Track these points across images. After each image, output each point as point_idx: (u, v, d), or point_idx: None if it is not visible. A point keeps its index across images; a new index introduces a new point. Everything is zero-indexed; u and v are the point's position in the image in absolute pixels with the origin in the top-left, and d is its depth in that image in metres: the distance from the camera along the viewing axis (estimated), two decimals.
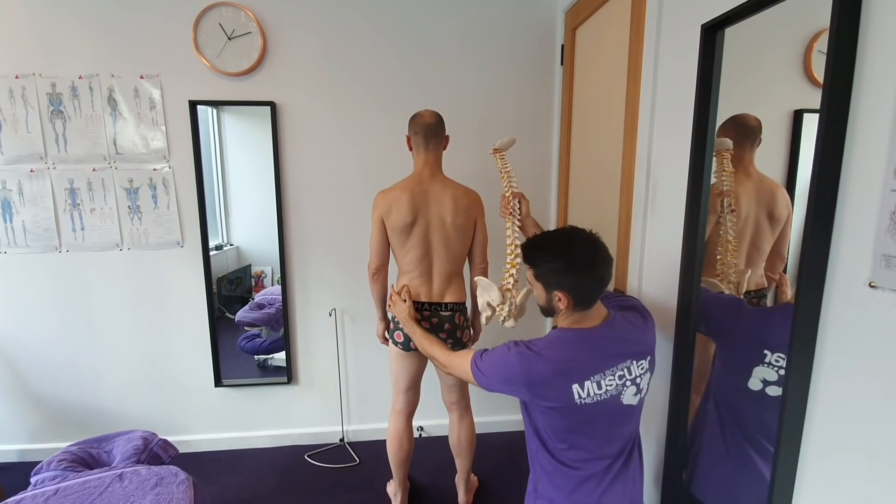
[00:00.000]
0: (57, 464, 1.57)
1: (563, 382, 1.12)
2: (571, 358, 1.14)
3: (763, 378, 1.16)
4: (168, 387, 2.50)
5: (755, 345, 1.16)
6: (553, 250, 1.16)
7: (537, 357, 1.14)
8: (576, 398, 1.13)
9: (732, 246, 1.24)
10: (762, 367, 1.16)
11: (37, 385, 2.43)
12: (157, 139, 2.25)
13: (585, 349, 1.15)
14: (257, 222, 2.66)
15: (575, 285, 1.13)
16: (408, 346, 1.92)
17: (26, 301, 2.34)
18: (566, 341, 1.16)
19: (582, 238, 1.16)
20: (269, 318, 2.63)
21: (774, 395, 1.13)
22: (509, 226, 1.56)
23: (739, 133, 1.20)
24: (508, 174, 1.59)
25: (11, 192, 2.23)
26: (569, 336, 1.17)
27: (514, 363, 1.15)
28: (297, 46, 2.25)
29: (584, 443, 1.20)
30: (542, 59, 2.39)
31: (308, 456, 2.50)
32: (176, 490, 1.35)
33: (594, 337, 1.17)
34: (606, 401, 1.15)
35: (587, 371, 1.13)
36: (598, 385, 1.14)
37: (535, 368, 1.13)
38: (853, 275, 0.80)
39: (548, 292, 1.17)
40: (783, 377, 1.09)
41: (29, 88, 2.16)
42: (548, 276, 1.16)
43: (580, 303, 1.15)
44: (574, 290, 1.13)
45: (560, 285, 1.14)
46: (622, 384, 1.17)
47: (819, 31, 0.94)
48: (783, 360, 1.11)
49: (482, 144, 2.42)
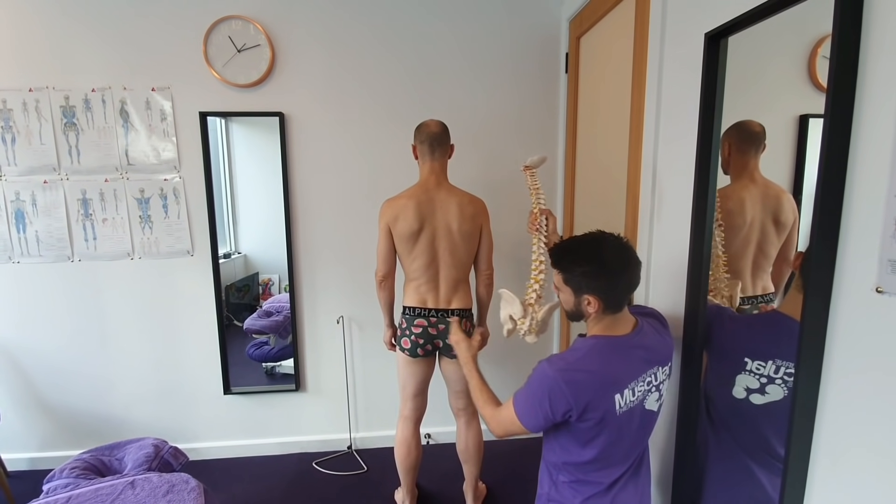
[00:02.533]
0: (69, 471, 1.59)
1: (607, 393, 1.11)
2: (612, 367, 1.13)
3: (746, 386, 1.16)
4: (178, 394, 2.52)
5: (737, 353, 1.17)
6: (583, 254, 1.16)
7: (578, 372, 1.11)
8: (617, 407, 1.12)
9: (723, 261, 1.25)
10: (743, 375, 1.16)
11: (48, 393, 2.46)
12: (167, 150, 2.29)
13: (623, 357, 1.15)
14: (265, 230, 2.69)
15: (605, 289, 1.13)
16: (415, 352, 1.93)
17: (39, 310, 2.38)
18: (603, 350, 1.15)
19: (612, 242, 1.17)
20: (277, 325, 2.65)
21: (758, 403, 1.14)
22: (535, 241, 1.55)
23: (743, 139, 1.21)
24: (537, 191, 1.58)
25: (25, 202, 2.27)
26: (604, 344, 1.16)
27: (556, 384, 1.11)
28: (305, 58, 2.29)
29: (610, 451, 1.18)
30: (546, 67, 2.41)
31: (316, 463, 2.51)
32: (187, 497, 1.36)
33: (628, 344, 1.17)
34: (633, 407, 1.16)
35: (626, 379, 1.13)
36: (632, 392, 1.15)
37: (580, 381, 1.11)
38: (860, 280, 0.81)
39: (577, 296, 1.17)
40: (763, 385, 1.12)
41: (43, 101, 2.21)
42: (578, 280, 1.16)
43: (610, 306, 1.15)
44: (604, 294, 1.13)
45: (590, 289, 1.14)
46: (648, 390, 1.18)
47: (822, 36, 0.94)
48: (763, 368, 1.12)
49: (487, 152, 2.45)
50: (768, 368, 1.12)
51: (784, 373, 1.08)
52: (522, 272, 1.64)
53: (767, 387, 1.12)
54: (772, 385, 1.12)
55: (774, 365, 1.10)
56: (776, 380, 1.10)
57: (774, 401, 1.11)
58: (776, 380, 1.10)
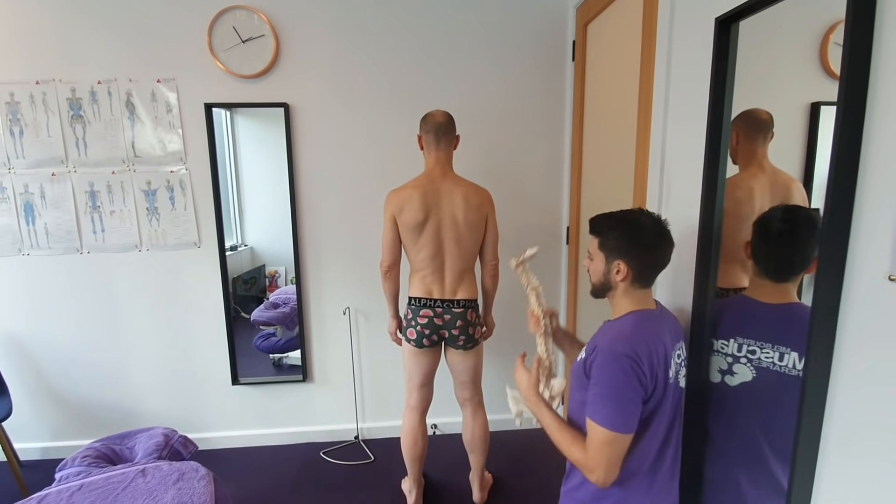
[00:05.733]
0: (81, 460, 1.61)
1: (664, 361, 1.11)
2: (660, 335, 1.13)
3: (718, 367, 1.22)
4: (186, 385, 2.54)
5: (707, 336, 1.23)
6: (622, 218, 1.17)
7: (643, 344, 1.09)
8: (669, 376, 1.13)
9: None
10: (715, 356, 1.23)
11: (59, 384, 2.49)
12: (173, 142, 2.29)
13: (660, 327, 1.16)
14: (271, 223, 2.70)
15: (638, 257, 1.14)
16: (421, 343, 1.93)
17: (49, 301, 2.40)
18: (647, 320, 1.15)
19: (650, 215, 1.18)
20: (284, 317, 2.67)
21: (733, 385, 1.19)
22: (540, 342, 1.41)
23: (751, 127, 1.19)
24: (536, 291, 1.41)
25: (34, 195, 2.29)
26: (645, 315, 1.16)
27: (633, 362, 1.06)
28: (310, 48, 2.28)
29: (669, 430, 1.17)
30: (553, 55, 2.38)
31: (323, 453, 2.53)
32: (197, 485, 1.38)
33: (661, 317, 1.19)
34: (674, 382, 1.17)
35: (668, 348, 1.14)
36: (675, 363, 1.16)
37: (650, 351, 1.08)
38: (872, 268, 0.80)
39: (608, 263, 1.17)
40: (731, 364, 1.19)
41: (49, 94, 2.21)
42: (612, 245, 1.16)
43: (639, 278, 1.16)
44: (636, 262, 1.14)
45: (622, 254, 1.15)
46: (680, 364, 1.19)
47: (835, 22, 0.93)
48: (727, 347, 1.19)
49: (493, 142, 2.43)
50: (731, 347, 1.19)
51: (747, 350, 1.16)
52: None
53: (734, 366, 1.18)
54: (738, 364, 1.17)
55: (736, 343, 1.17)
56: (741, 358, 1.17)
57: (745, 381, 1.17)
58: (741, 358, 1.17)
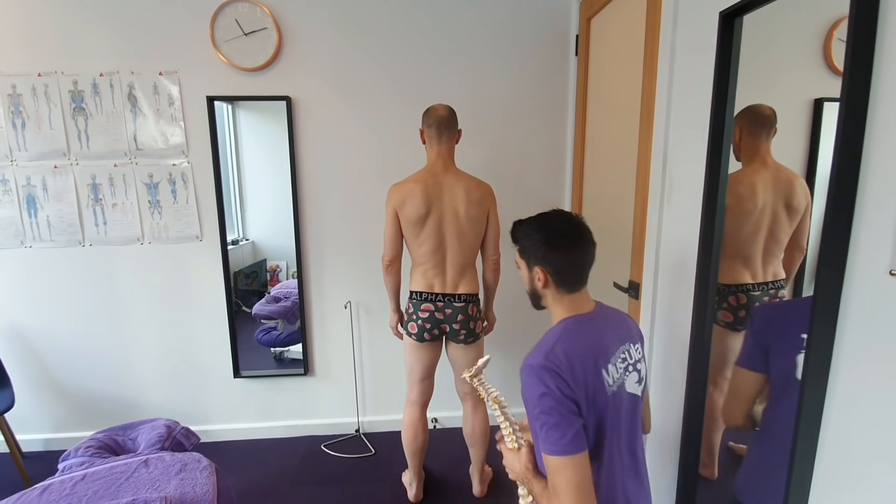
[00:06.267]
0: (84, 450, 1.63)
1: (596, 368, 1.05)
2: (590, 341, 1.08)
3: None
4: (188, 377, 2.55)
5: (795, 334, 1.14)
6: (533, 224, 1.14)
7: (563, 354, 1.02)
8: (606, 386, 1.05)
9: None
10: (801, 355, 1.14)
11: (62, 376, 2.51)
12: (175, 135, 2.29)
13: (595, 331, 1.11)
14: (272, 217, 2.70)
15: (553, 261, 1.10)
16: (422, 337, 1.94)
17: (51, 294, 2.41)
18: (576, 327, 1.10)
19: (562, 215, 1.15)
20: (286, 311, 2.67)
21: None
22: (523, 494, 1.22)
23: (754, 122, 1.19)
24: (498, 402, 1.16)
25: (36, 187, 2.29)
26: (574, 322, 1.11)
27: (549, 371, 1.00)
28: (312, 41, 2.27)
29: (611, 440, 1.09)
30: (556, 49, 2.38)
31: (324, 446, 2.55)
32: (199, 476, 1.39)
33: (596, 320, 1.13)
34: (619, 390, 1.10)
35: (607, 353, 1.08)
36: (616, 369, 1.09)
37: (571, 361, 1.01)
38: (873, 263, 0.80)
39: (530, 270, 1.15)
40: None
41: (51, 86, 2.21)
42: (528, 252, 1.14)
43: (562, 282, 1.11)
44: (551, 266, 1.10)
45: (538, 259, 1.11)
46: (625, 369, 1.12)
47: (838, 18, 0.93)
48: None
49: (495, 137, 2.43)
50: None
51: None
52: None
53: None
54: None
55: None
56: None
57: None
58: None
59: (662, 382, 1.56)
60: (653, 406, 1.59)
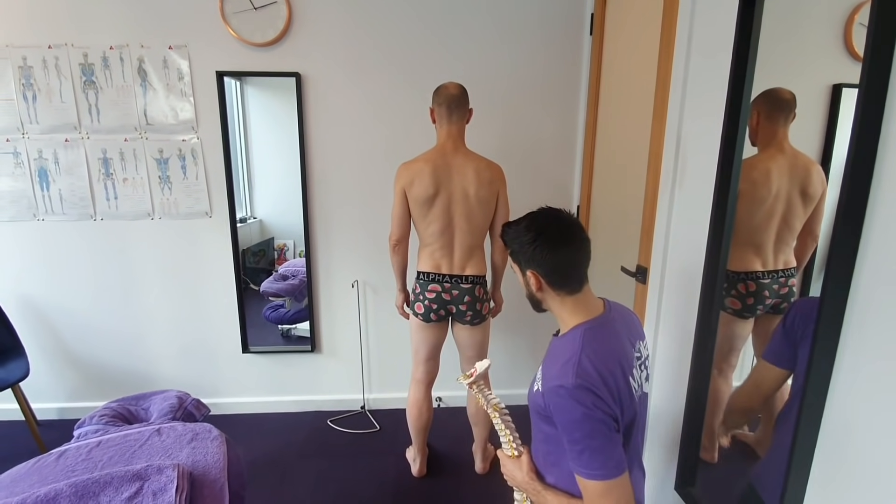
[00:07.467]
0: (98, 418, 1.67)
1: (625, 376, 1.01)
2: (613, 347, 1.03)
3: None
4: (199, 351, 2.60)
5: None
6: (522, 225, 1.09)
7: (593, 367, 0.97)
8: (633, 390, 1.02)
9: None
10: None
11: (76, 347, 2.56)
12: (185, 110, 2.29)
13: (615, 336, 1.05)
14: (280, 196, 2.71)
15: (543, 262, 1.05)
16: (428, 317, 1.95)
17: (64, 267, 2.45)
18: (594, 334, 1.03)
19: (551, 214, 1.09)
20: (293, 288, 2.70)
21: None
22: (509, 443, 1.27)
23: (773, 107, 1.17)
24: (498, 408, 1.22)
25: (48, 161, 2.31)
26: (590, 328, 1.04)
27: (588, 391, 0.94)
28: (323, 16, 2.24)
29: (634, 442, 1.08)
30: (570, 28, 2.33)
31: (330, 421, 2.60)
32: (210, 445, 1.43)
33: (613, 323, 1.08)
34: (641, 393, 1.08)
35: (629, 358, 1.04)
36: (637, 372, 1.07)
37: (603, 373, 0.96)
38: (887, 259, 0.79)
39: (523, 274, 1.10)
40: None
41: (62, 58, 2.21)
42: (519, 255, 1.09)
43: (555, 284, 1.06)
44: (542, 268, 1.05)
45: (529, 262, 1.06)
46: (642, 369, 1.11)
47: (860, 2, 0.91)
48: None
49: (507, 117, 2.41)
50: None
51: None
52: None
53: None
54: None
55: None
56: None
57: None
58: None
59: (667, 367, 1.57)
60: (656, 389, 1.61)
